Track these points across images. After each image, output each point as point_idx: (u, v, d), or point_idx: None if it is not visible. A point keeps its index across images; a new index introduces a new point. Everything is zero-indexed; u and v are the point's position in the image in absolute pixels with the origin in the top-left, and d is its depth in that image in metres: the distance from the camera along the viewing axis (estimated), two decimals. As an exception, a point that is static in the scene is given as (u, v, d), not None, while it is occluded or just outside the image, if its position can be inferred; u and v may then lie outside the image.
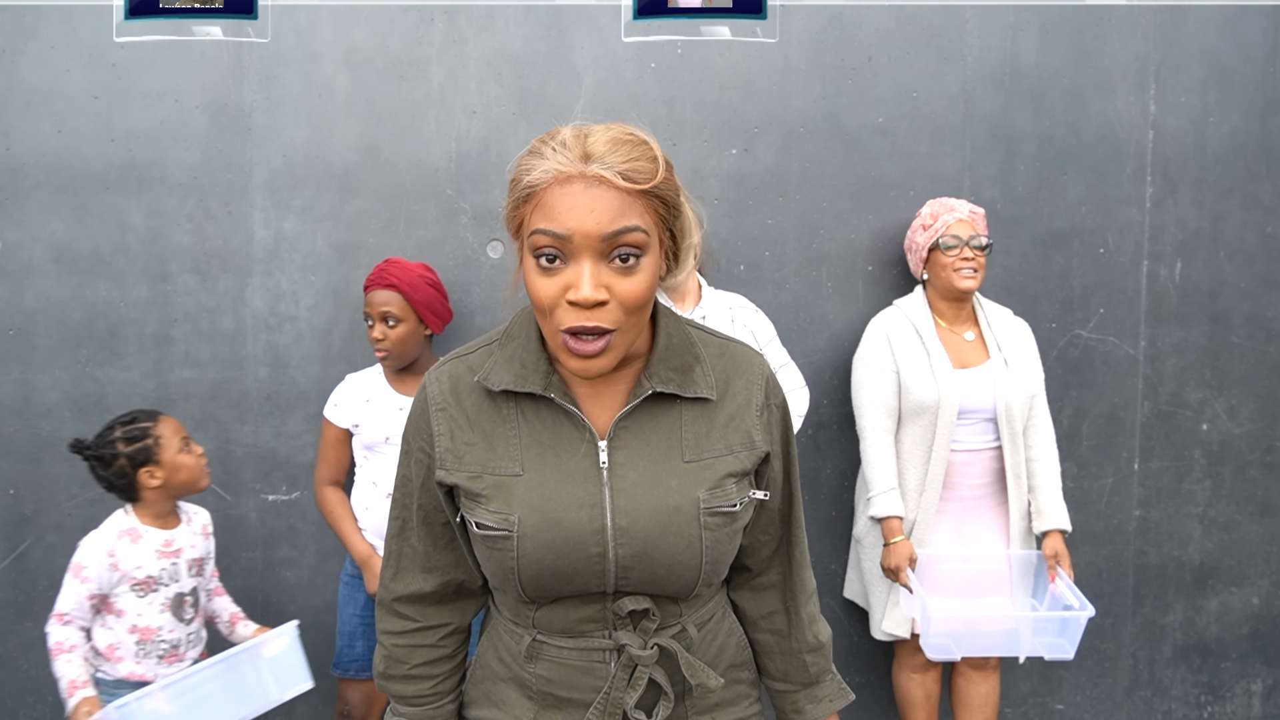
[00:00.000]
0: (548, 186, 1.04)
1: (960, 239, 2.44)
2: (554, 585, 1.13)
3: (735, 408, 1.19)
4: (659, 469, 1.13)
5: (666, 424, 1.16)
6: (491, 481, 1.13)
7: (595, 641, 1.17)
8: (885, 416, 2.46)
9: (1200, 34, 2.82)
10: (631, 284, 1.05)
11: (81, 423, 2.50)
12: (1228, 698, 3.03)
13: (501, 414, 1.15)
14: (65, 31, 2.44)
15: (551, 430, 1.14)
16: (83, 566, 2.00)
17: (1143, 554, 2.94)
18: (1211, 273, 2.89)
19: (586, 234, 1.02)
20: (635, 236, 1.04)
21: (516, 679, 1.21)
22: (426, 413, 1.18)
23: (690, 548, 1.12)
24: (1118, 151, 2.82)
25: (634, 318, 1.07)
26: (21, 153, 2.46)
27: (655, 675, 1.17)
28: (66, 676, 1.98)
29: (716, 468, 1.15)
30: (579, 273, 1.03)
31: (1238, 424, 2.95)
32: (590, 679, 1.17)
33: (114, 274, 2.51)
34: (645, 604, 1.15)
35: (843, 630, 2.80)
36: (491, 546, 1.13)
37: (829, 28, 2.68)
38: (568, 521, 1.10)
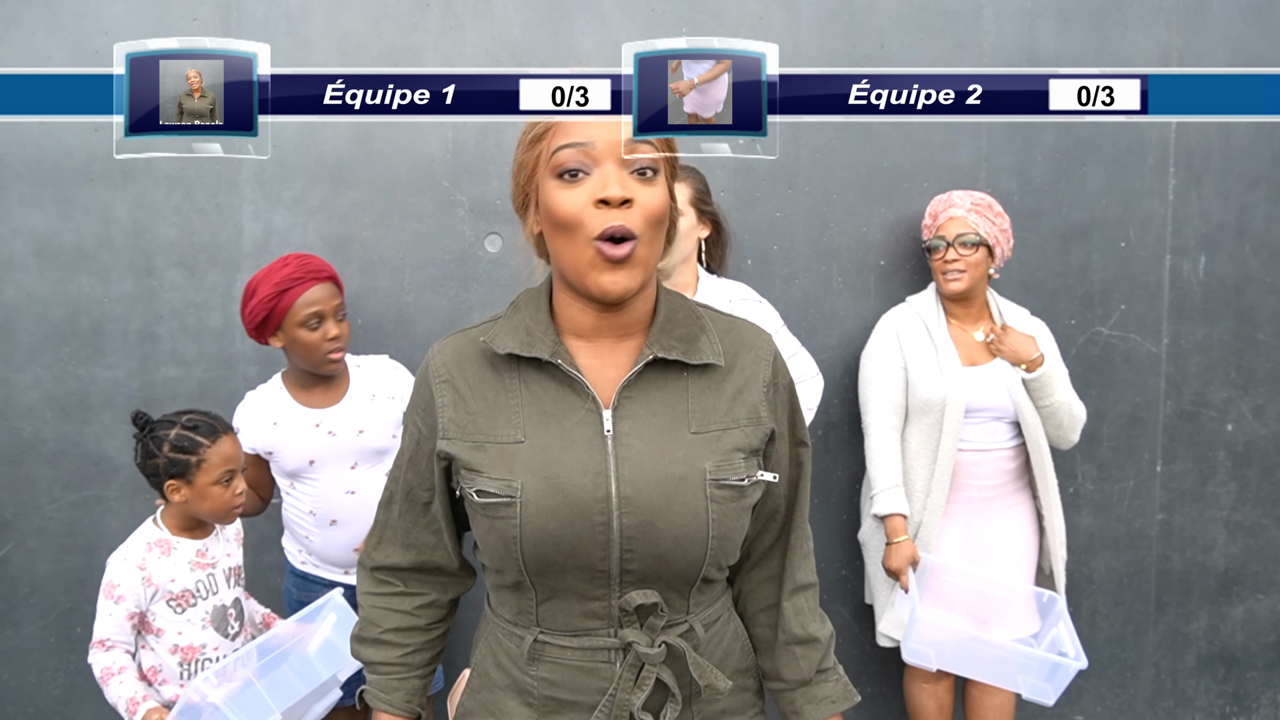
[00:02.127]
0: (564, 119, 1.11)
1: (946, 240, 2.39)
2: (556, 557, 1.10)
3: (743, 380, 1.19)
4: (665, 439, 1.12)
5: (673, 395, 1.15)
6: (494, 450, 1.12)
7: (600, 640, 1.14)
8: (891, 414, 2.40)
9: (1224, 19, 2.75)
10: (652, 193, 1.09)
11: (63, 423, 2.43)
12: (1254, 709, 2.96)
13: (504, 382, 1.15)
14: (47, 18, 2.37)
15: (555, 399, 1.14)
16: (115, 585, 1.83)
17: (1165, 559, 2.87)
18: (1237, 267, 2.83)
19: (610, 140, 1.09)
20: (649, 149, 1.10)
21: (516, 685, 1.18)
22: (429, 385, 1.19)
23: (696, 519, 1.11)
24: (1139, 141, 2.75)
25: (654, 230, 1.10)
26: (2, 144, 2.39)
27: (663, 676, 1.14)
28: (123, 697, 1.83)
29: (724, 441, 1.14)
30: (605, 176, 1.08)
31: (1264, 424, 2.87)
32: (595, 680, 1.14)
33: (98, 269, 2.44)
34: (654, 598, 1.12)
35: (854, 639, 2.72)
36: (493, 516, 1.11)
37: (839, 13, 2.60)
38: (572, 488, 1.09)
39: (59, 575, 2.46)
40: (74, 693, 2.48)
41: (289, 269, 2.08)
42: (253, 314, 2.08)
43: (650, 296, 1.18)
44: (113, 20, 2.38)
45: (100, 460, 2.45)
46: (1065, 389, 2.42)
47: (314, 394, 2.15)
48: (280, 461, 2.13)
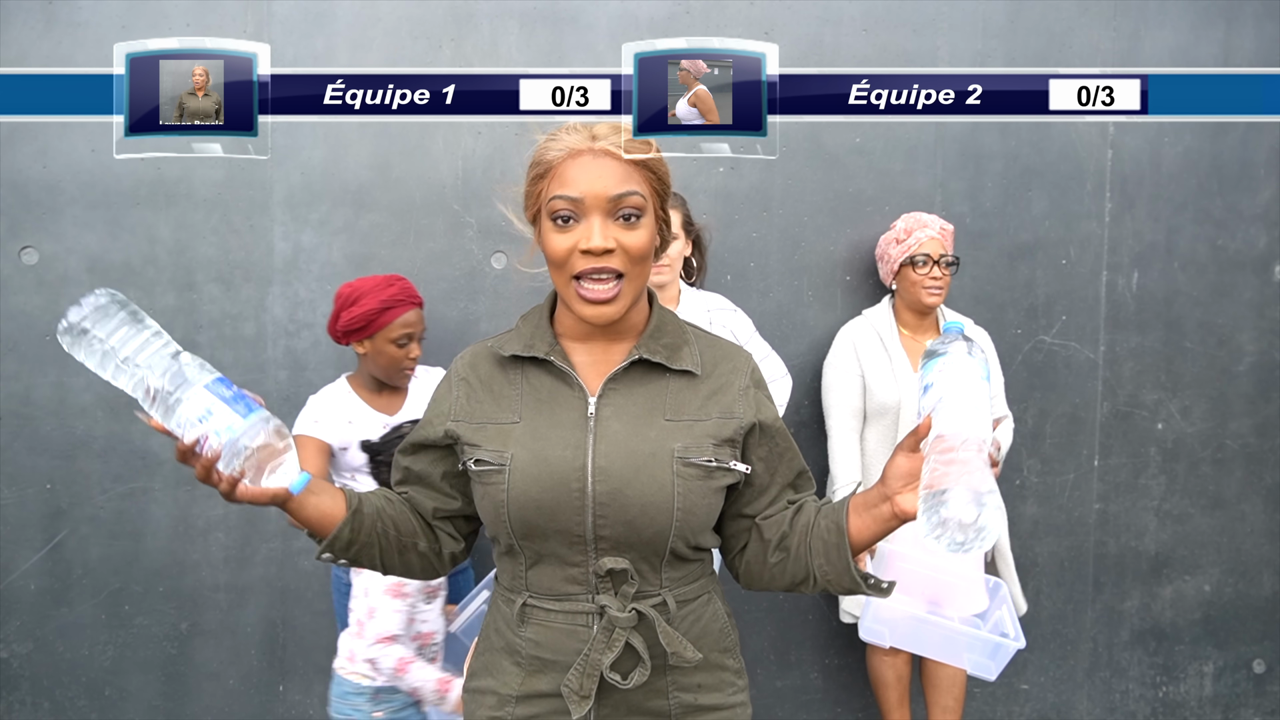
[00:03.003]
0: (562, 162, 1.23)
1: (931, 257, 2.56)
2: (538, 520, 1.22)
3: (718, 385, 1.30)
4: (641, 423, 1.26)
5: (654, 390, 1.28)
6: (492, 429, 1.27)
7: (579, 605, 1.25)
8: (851, 417, 2.60)
9: (1155, 60, 2.94)
10: (634, 236, 1.22)
11: (113, 422, 2.61)
12: (1181, 678, 3.16)
13: (509, 378, 1.31)
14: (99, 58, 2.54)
15: (549, 390, 1.29)
16: (403, 583, 1.94)
17: (1102, 544, 3.06)
18: (1166, 282, 3.01)
19: (596, 195, 1.21)
20: (635, 199, 1.22)
21: (509, 647, 1.29)
22: (450, 383, 1.34)
23: (662, 490, 1.21)
24: (1079, 169, 2.94)
25: (638, 267, 1.24)
26: (58, 171, 2.56)
27: (634, 641, 1.23)
28: (429, 679, 1.93)
29: (696, 428, 1.26)
30: (590, 226, 1.21)
31: (1190, 423, 3.07)
32: (574, 642, 1.25)
33: (144, 283, 2.61)
34: (624, 564, 1.23)
35: (823, 615, 2.93)
36: (486, 482, 1.25)
37: (810, 54, 2.80)
38: (554, 458, 1.23)
39: (109, 559, 2.64)
40: (122, 664, 2.67)
41: (394, 290, 2.28)
42: (351, 320, 2.26)
43: (643, 309, 1.32)
44: None
45: (146, 455, 2.63)
46: (1007, 436, 2.68)
47: (381, 398, 2.36)
48: (349, 458, 2.29)
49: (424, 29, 2.66)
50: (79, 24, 2.53)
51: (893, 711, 2.71)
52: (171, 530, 2.67)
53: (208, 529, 2.69)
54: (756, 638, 2.93)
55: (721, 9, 2.76)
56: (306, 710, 2.76)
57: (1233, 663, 3.17)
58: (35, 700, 2.67)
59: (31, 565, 2.63)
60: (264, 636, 2.73)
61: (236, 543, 2.70)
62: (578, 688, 1.22)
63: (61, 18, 2.53)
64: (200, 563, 2.69)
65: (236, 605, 2.71)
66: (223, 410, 1.13)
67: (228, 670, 2.73)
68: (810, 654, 2.97)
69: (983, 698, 3.07)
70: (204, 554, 2.69)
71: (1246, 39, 2.98)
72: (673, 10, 2.74)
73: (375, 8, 2.64)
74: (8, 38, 2.51)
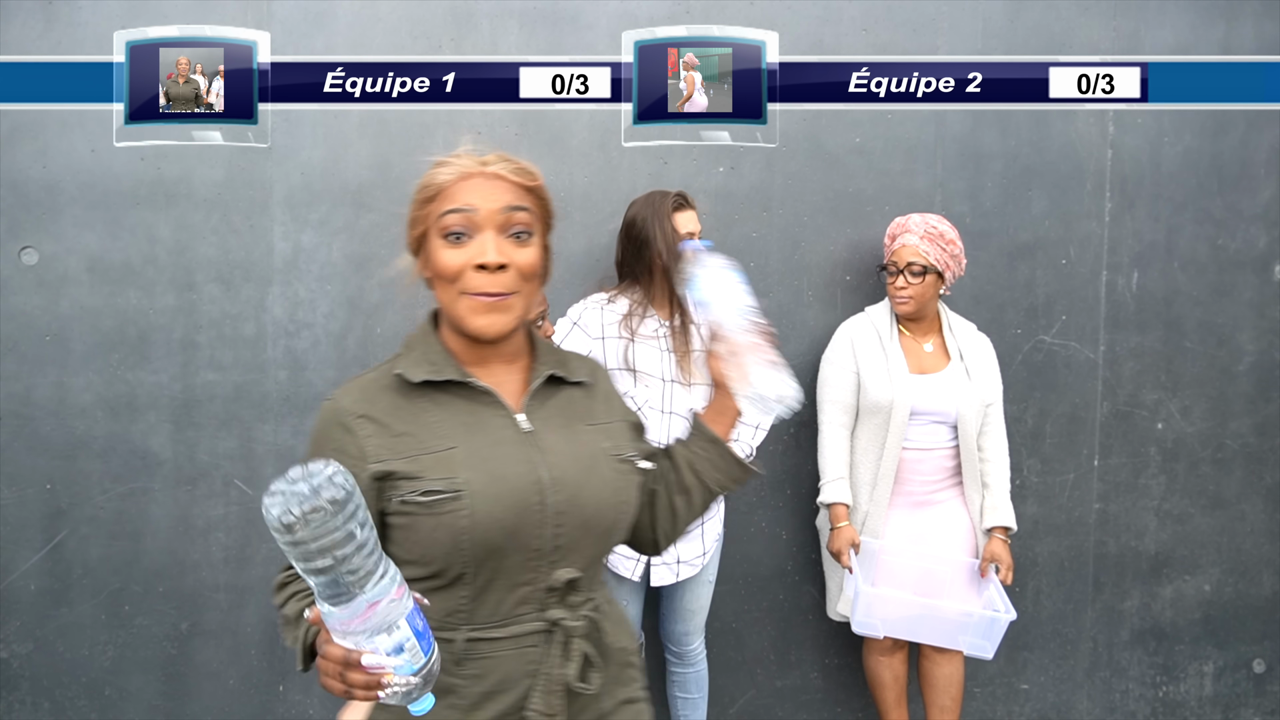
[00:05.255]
0: (453, 183, 1.21)
1: (898, 266, 2.53)
2: (501, 540, 1.17)
3: (604, 392, 1.38)
4: (570, 431, 1.28)
5: (562, 401, 1.31)
6: (429, 459, 1.19)
7: (528, 625, 1.21)
8: (841, 413, 2.57)
9: None
10: (526, 253, 1.22)
11: (113, 422, 2.59)
12: (1181, 678, 3.13)
13: (416, 408, 1.23)
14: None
15: (467, 413, 1.24)
16: None
17: (1102, 544, 3.03)
18: (1166, 282, 2.98)
19: (490, 209, 1.20)
20: (526, 216, 1.22)
21: (442, 690, 1.18)
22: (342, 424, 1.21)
23: (609, 489, 1.26)
24: (1079, 169, 2.90)
25: (528, 284, 1.23)
26: (58, 171, 2.54)
27: (584, 647, 1.23)
28: None
29: (611, 430, 1.32)
30: (484, 242, 1.19)
31: (1190, 423, 3.04)
32: (522, 664, 1.21)
33: (144, 283, 2.59)
34: (576, 573, 1.23)
35: (821, 615, 2.89)
36: (440, 512, 1.16)
37: (809, 53, 2.77)
38: (511, 475, 1.19)
39: (109, 559, 2.62)
40: (122, 664, 2.65)
41: None
42: None
43: (525, 334, 1.33)
44: None
45: (146, 455, 2.61)
46: (1006, 489, 2.61)
47: None
48: None
49: (424, 28, 2.63)
50: (78, 23, 2.50)
51: (890, 712, 2.68)
52: (171, 530, 2.64)
53: (208, 529, 2.65)
54: (756, 638, 2.89)
55: (721, 8, 2.73)
56: (306, 710, 2.72)
57: (1233, 663, 3.14)
58: (35, 700, 2.63)
59: (31, 565, 2.60)
60: (264, 636, 2.70)
61: (236, 543, 2.67)
62: (544, 707, 1.20)
63: (61, 16, 2.50)
64: (200, 563, 2.66)
65: (236, 605, 2.68)
66: (414, 647, 1.02)
67: (228, 670, 2.70)
68: (810, 654, 2.93)
69: (982, 698, 3.03)
70: (204, 554, 2.66)
71: (1246, 38, 2.94)
72: (673, 9, 2.71)
73: (375, 7, 2.61)
74: (7, 36, 2.48)
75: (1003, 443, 2.63)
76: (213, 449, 2.64)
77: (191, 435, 2.63)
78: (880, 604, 2.40)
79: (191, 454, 2.63)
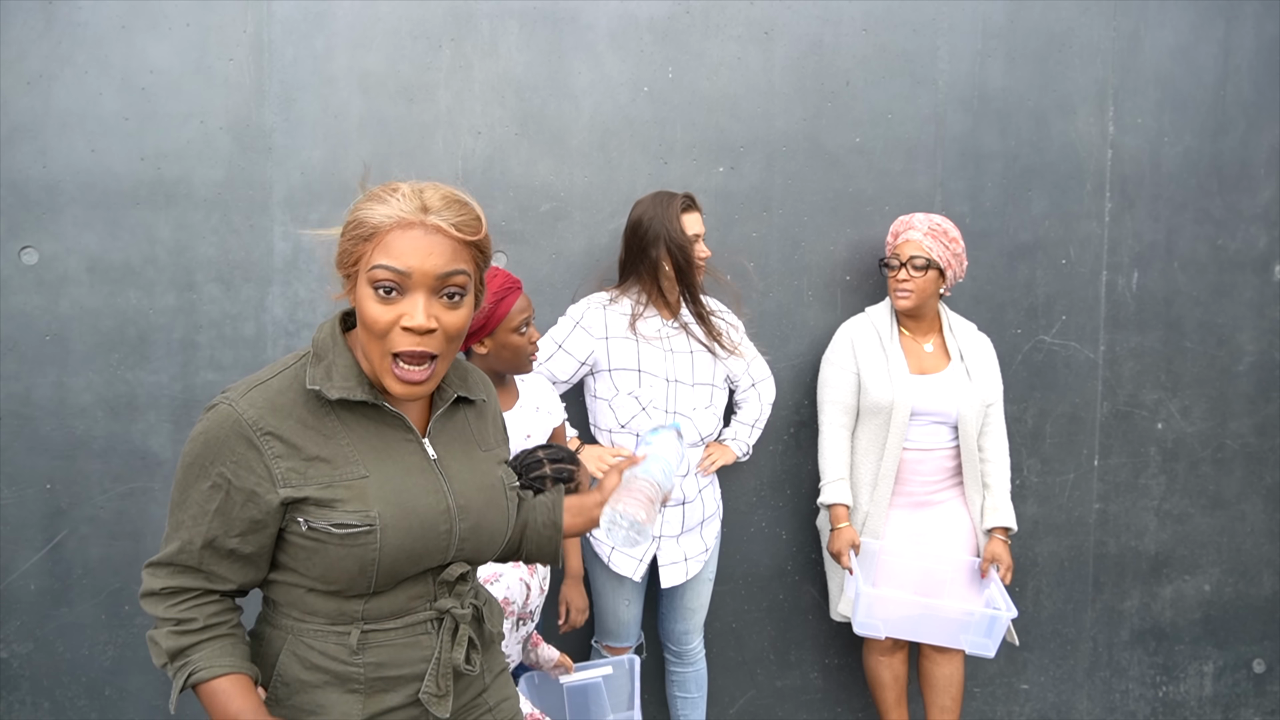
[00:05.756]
0: (390, 229, 1.15)
1: (900, 260, 2.53)
2: (406, 567, 1.24)
3: (491, 410, 1.42)
4: (468, 458, 1.33)
5: (460, 423, 1.35)
6: (342, 489, 1.19)
7: (419, 615, 1.28)
8: (842, 413, 2.56)
9: (1155, 60, 2.92)
10: (456, 316, 1.20)
11: (113, 422, 2.58)
12: (1181, 678, 3.12)
13: (326, 427, 1.21)
14: (99, 58, 2.51)
15: (376, 435, 1.24)
16: (507, 601, 2.00)
17: (1102, 544, 3.03)
18: (1166, 282, 2.98)
19: (425, 272, 1.15)
20: (461, 279, 1.19)
21: (337, 678, 1.23)
22: (245, 437, 1.17)
23: (503, 514, 1.34)
24: (1079, 169, 2.90)
25: (453, 345, 1.22)
26: (57, 171, 2.52)
27: (470, 633, 1.32)
28: None
29: (498, 454, 1.39)
30: (414, 304, 1.16)
31: (1190, 423, 3.03)
32: (417, 651, 1.27)
33: (143, 283, 2.58)
34: (466, 568, 1.30)
35: (822, 615, 2.90)
36: (351, 544, 1.18)
37: (809, 54, 2.77)
38: (421, 508, 1.23)
39: (109, 559, 2.60)
40: (122, 664, 2.63)
41: (499, 279, 2.13)
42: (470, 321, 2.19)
43: None
44: (158, 60, 2.53)
45: (146, 455, 2.60)
46: (1006, 490, 2.61)
47: (501, 395, 2.26)
48: None
49: (424, 29, 2.62)
50: (79, 24, 2.49)
51: (890, 712, 2.68)
52: (171, 530, 2.63)
53: (208, 529, 2.64)
54: (756, 638, 2.89)
55: (721, 9, 2.72)
56: (306, 710, 2.71)
57: (1233, 663, 3.13)
58: (35, 700, 2.63)
59: (31, 565, 2.59)
60: (264, 636, 2.69)
61: (236, 543, 2.66)
62: (436, 689, 1.27)
63: (61, 17, 2.49)
64: (200, 563, 2.65)
65: (236, 605, 2.67)
66: None
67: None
68: (810, 654, 2.93)
69: (983, 698, 3.03)
70: (204, 554, 2.65)
71: (1246, 38, 2.94)
72: (673, 10, 2.70)
73: (375, 8, 2.60)
74: (8, 37, 2.47)
75: (1003, 443, 2.62)
76: (213, 449, 2.63)
77: (191, 435, 2.62)
78: (881, 604, 2.40)
79: (191, 454, 2.63)
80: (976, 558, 2.54)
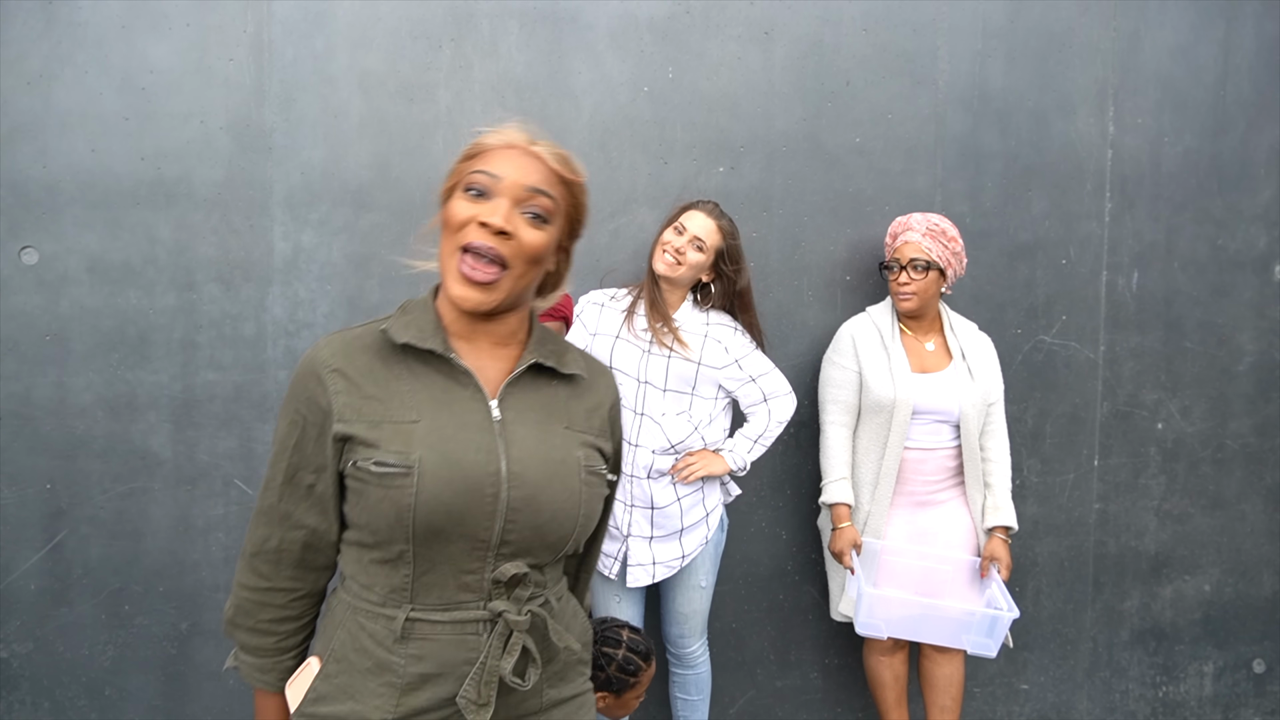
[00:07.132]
0: (495, 149, 1.22)
1: (900, 263, 2.52)
2: (446, 525, 1.16)
3: (597, 400, 1.33)
4: (543, 429, 1.24)
5: (546, 396, 1.28)
6: (390, 429, 1.18)
7: (470, 613, 1.20)
8: (844, 413, 2.54)
9: (1155, 60, 2.90)
10: (534, 234, 1.20)
11: (113, 422, 2.56)
12: (1181, 678, 3.11)
13: (393, 372, 1.22)
14: (99, 58, 2.50)
15: (442, 388, 1.22)
16: None
17: (1102, 544, 3.01)
18: (1166, 282, 2.97)
19: (514, 181, 1.19)
20: (547, 201, 1.21)
21: (380, 665, 1.20)
22: (316, 374, 1.21)
23: (572, 497, 1.22)
24: (1079, 169, 2.89)
25: (526, 266, 1.21)
26: (58, 171, 2.51)
27: (526, 642, 1.21)
28: None
29: (587, 439, 1.29)
30: (497, 206, 1.18)
31: (1190, 423, 3.02)
32: (462, 652, 1.19)
33: (144, 283, 2.57)
34: (524, 569, 1.20)
35: (822, 615, 2.88)
36: (389, 486, 1.15)
37: (810, 54, 2.76)
38: (466, 462, 1.17)
39: (108, 559, 2.59)
40: (122, 664, 2.62)
41: (565, 300, 2.15)
42: None
43: (524, 318, 1.29)
44: (158, 60, 2.52)
45: (146, 455, 2.58)
46: (1008, 489, 2.59)
47: None
48: None
49: (424, 29, 2.61)
50: (79, 24, 2.48)
51: (890, 712, 2.66)
52: (171, 530, 2.61)
53: (208, 529, 2.63)
54: (756, 638, 2.87)
55: (721, 9, 2.71)
56: (306, 710, 2.70)
57: (1233, 663, 3.12)
58: (35, 700, 2.61)
59: (31, 565, 2.58)
60: (264, 636, 2.67)
61: (236, 543, 2.65)
62: (475, 696, 1.18)
63: (61, 17, 2.47)
64: (200, 563, 2.64)
65: (236, 605, 2.65)
66: None
67: (228, 670, 2.67)
68: (810, 654, 2.91)
69: (982, 698, 3.01)
70: (204, 554, 2.64)
71: (1246, 38, 2.92)
72: (673, 10, 2.69)
73: (375, 8, 2.59)
74: (8, 37, 2.46)
75: (1005, 442, 2.60)
76: (213, 449, 2.62)
77: (191, 435, 2.61)
78: (883, 604, 2.39)
79: (191, 454, 2.61)
80: (978, 557, 2.53)
